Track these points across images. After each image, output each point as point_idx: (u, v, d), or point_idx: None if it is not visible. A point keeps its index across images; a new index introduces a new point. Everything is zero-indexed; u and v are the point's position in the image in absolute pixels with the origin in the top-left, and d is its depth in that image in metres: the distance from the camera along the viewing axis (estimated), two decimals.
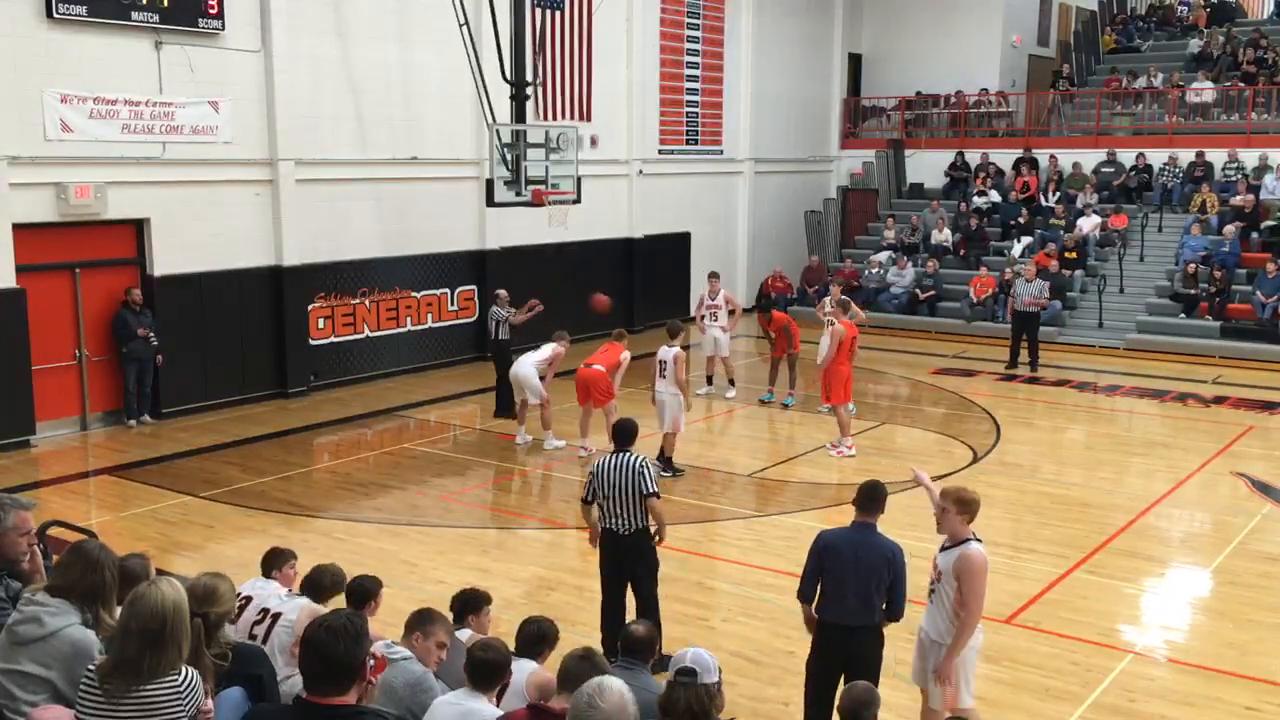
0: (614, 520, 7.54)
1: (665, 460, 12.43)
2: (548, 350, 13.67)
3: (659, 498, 7.51)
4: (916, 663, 6.36)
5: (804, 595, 6.39)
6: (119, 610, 4.27)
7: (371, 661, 3.59)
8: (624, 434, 7.73)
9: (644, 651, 5.18)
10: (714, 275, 16.98)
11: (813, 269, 24.06)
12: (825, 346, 14.32)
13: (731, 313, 16.56)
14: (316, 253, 16.53)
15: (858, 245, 25.57)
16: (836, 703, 4.83)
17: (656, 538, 7.65)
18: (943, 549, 6.14)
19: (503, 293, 15.25)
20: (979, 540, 6.09)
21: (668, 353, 12.57)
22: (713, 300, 16.53)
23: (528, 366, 13.51)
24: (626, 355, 13.32)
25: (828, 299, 15.79)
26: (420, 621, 5.21)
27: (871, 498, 6.31)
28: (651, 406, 12.72)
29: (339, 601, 5.96)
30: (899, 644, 6.71)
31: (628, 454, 7.56)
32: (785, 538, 10.57)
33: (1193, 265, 20.45)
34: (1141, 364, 19.04)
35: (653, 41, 22.19)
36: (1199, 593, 9.52)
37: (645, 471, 7.46)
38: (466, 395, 16.74)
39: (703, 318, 16.59)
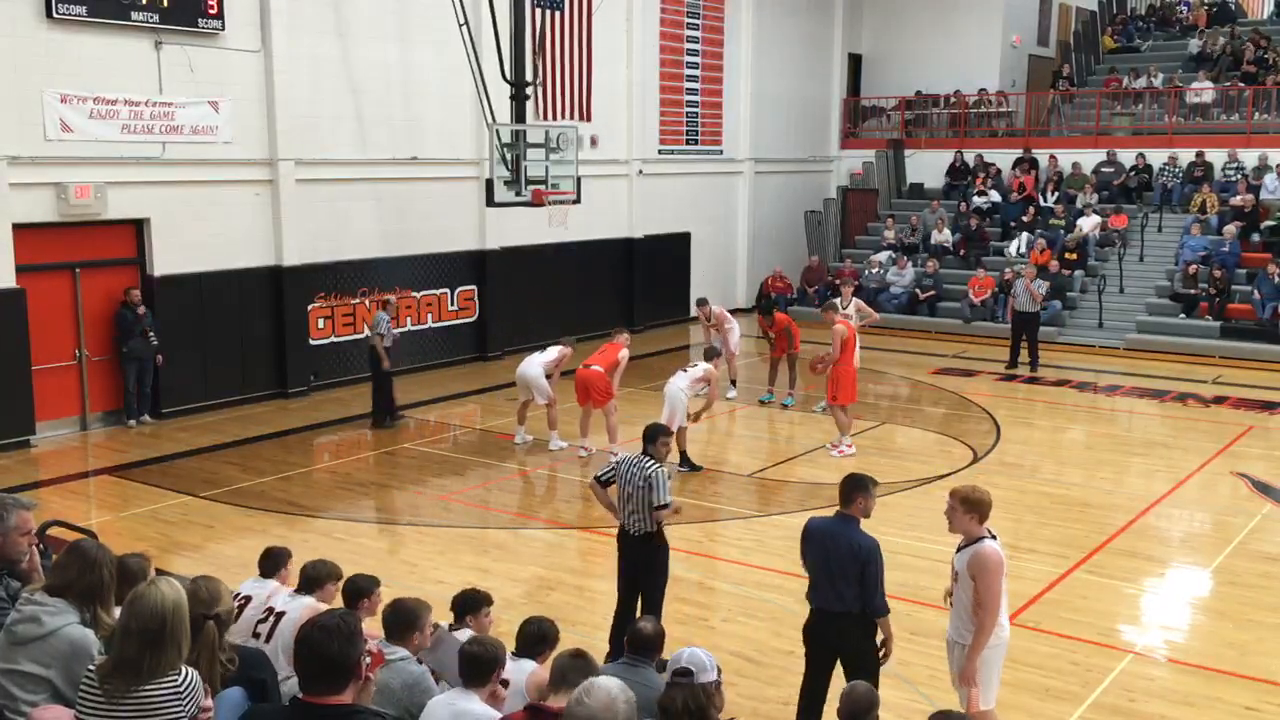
0: (628, 520, 7.60)
1: (681, 455, 12.53)
2: (554, 352, 13.71)
3: (667, 509, 7.48)
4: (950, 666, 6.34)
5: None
6: (117, 609, 4.28)
7: (367, 659, 3.59)
8: (649, 436, 7.73)
9: (650, 649, 5.21)
10: (702, 302, 17.03)
11: (813, 269, 24.06)
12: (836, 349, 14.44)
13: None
14: (316, 253, 16.53)
15: (858, 245, 25.57)
16: (838, 704, 4.81)
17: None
18: (958, 549, 6.13)
19: (392, 299, 15.46)
20: (994, 538, 6.05)
21: (704, 364, 13.02)
22: (708, 322, 16.63)
23: (535, 367, 13.54)
24: (625, 354, 13.36)
25: (839, 299, 15.82)
26: (408, 624, 5.16)
27: (847, 489, 6.34)
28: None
29: (341, 594, 5.96)
30: (909, 649, 6.69)
31: (648, 459, 7.55)
32: (785, 538, 10.55)
33: (1194, 266, 20.43)
34: (1141, 364, 19.04)
35: (653, 41, 22.19)
36: (1199, 593, 9.52)
37: (654, 480, 7.42)
38: (466, 395, 16.74)
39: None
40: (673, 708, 4.27)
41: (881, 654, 6.29)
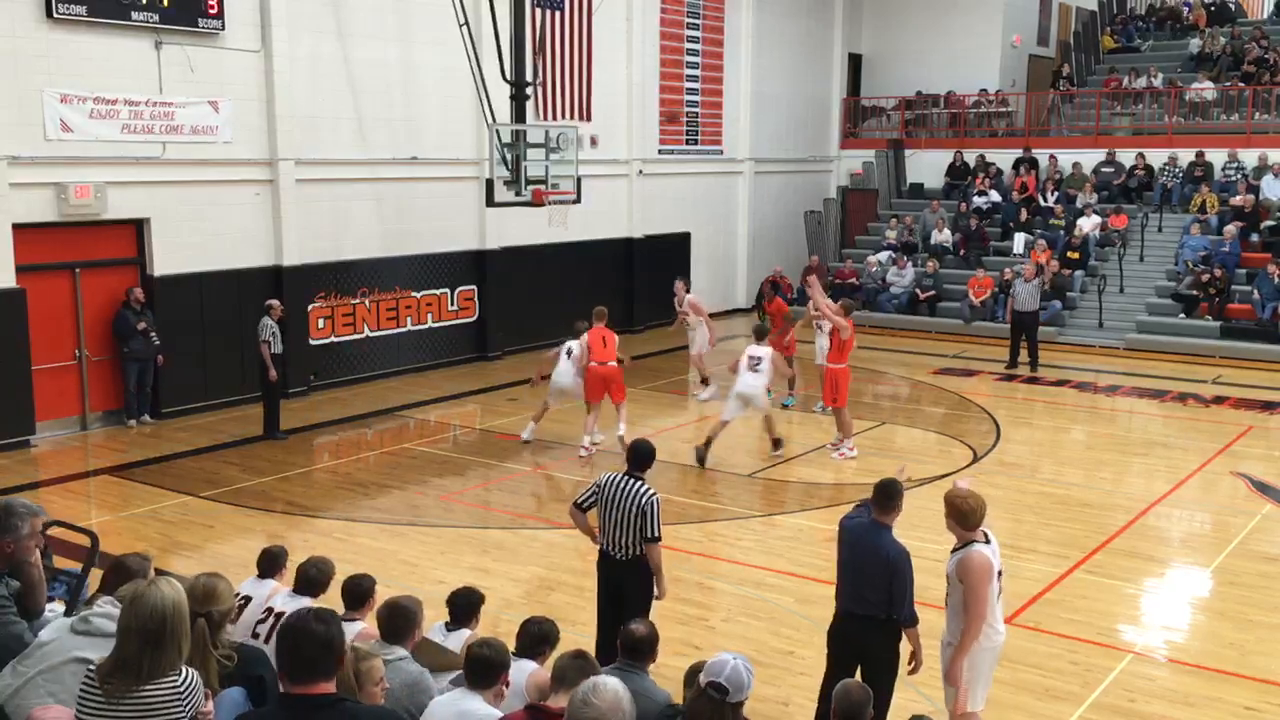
0: (611, 544, 7.13)
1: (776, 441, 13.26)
2: (577, 347, 13.50)
3: (659, 543, 7.02)
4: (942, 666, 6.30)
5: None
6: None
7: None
8: (639, 457, 7.22)
9: (644, 652, 5.04)
10: (680, 281, 16.92)
11: (813, 269, 24.03)
12: (824, 348, 14.51)
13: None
14: (316, 253, 16.53)
15: (858, 245, 25.57)
16: (832, 704, 4.78)
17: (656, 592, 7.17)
18: (952, 551, 6.09)
19: (275, 303, 14.20)
20: (988, 541, 6.00)
21: (761, 350, 13.05)
22: (680, 308, 16.51)
23: (569, 377, 13.41)
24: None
25: (810, 303, 16.05)
26: (405, 624, 5.14)
27: (882, 496, 6.31)
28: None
29: (335, 595, 5.95)
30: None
31: (638, 482, 7.06)
32: (785, 538, 10.58)
33: (1206, 275, 20.28)
34: (1141, 364, 19.04)
35: (653, 41, 22.18)
36: (1199, 593, 9.52)
37: (649, 511, 6.93)
38: (466, 395, 16.74)
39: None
40: (698, 718, 4.20)
41: (911, 666, 6.25)
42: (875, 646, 6.20)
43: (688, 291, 16.69)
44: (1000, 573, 6.05)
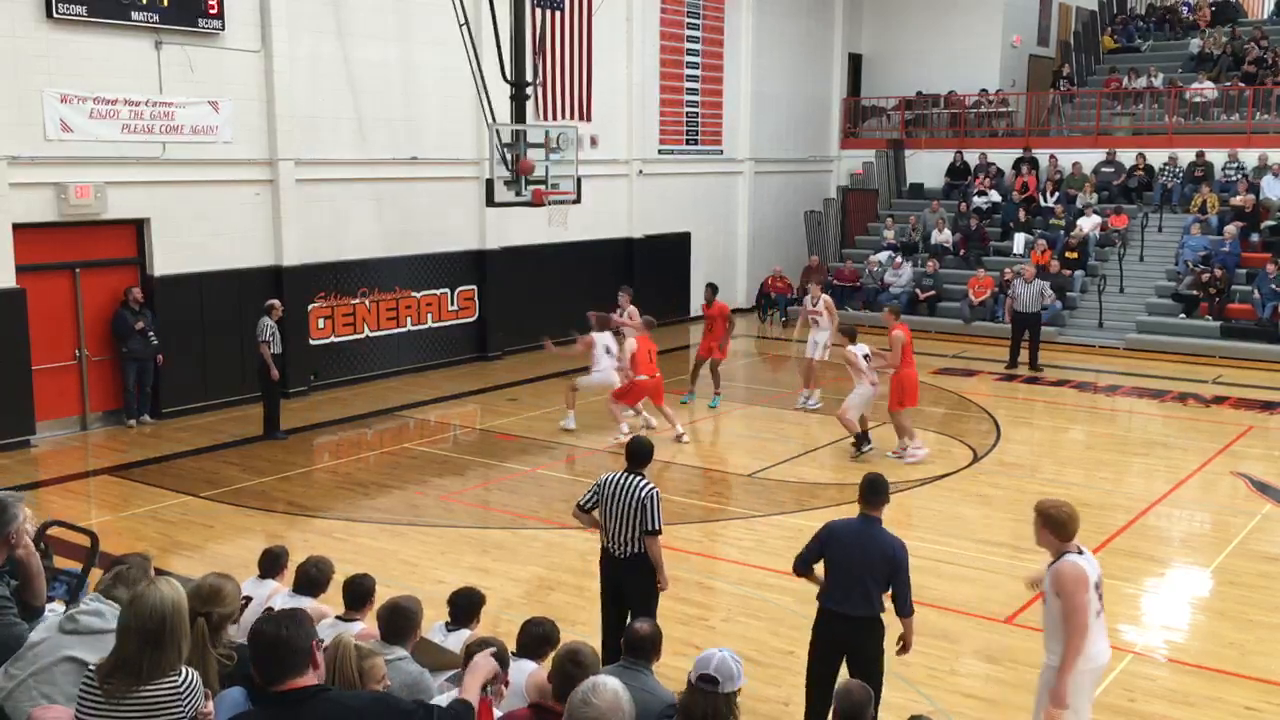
0: (612, 542, 7.14)
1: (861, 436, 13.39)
2: (615, 347, 13.93)
3: (659, 535, 7.04)
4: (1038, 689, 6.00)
5: (796, 568, 6.49)
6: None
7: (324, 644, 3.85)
8: (637, 455, 7.22)
9: (647, 650, 5.05)
10: (626, 290, 16.46)
11: (813, 269, 24.05)
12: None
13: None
14: (316, 253, 16.53)
15: (858, 245, 25.57)
16: (833, 704, 4.79)
17: (658, 582, 7.19)
18: (1048, 565, 5.83)
19: (276, 303, 14.07)
20: (1081, 553, 5.74)
21: (860, 348, 13.30)
22: (620, 315, 16.05)
23: (613, 374, 13.90)
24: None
25: (808, 299, 16.33)
26: (406, 624, 5.13)
27: (874, 491, 6.33)
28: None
29: (335, 595, 5.95)
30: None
31: (638, 478, 7.09)
32: (785, 538, 10.56)
33: (1206, 275, 20.29)
34: (1141, 364, 19.03)
35: (653, 41, 22.18)
36: (1199, 593, 9.52)
37: (649, 505, 6.96)
38: (466, 395, 16.74)
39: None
40: (692, 713, 4.23)
41: (900, 648, 6.31)
42: (864, 645, 6.21)
43: (630, 303, 15.77)
44: (1098, 586, 5.73)
